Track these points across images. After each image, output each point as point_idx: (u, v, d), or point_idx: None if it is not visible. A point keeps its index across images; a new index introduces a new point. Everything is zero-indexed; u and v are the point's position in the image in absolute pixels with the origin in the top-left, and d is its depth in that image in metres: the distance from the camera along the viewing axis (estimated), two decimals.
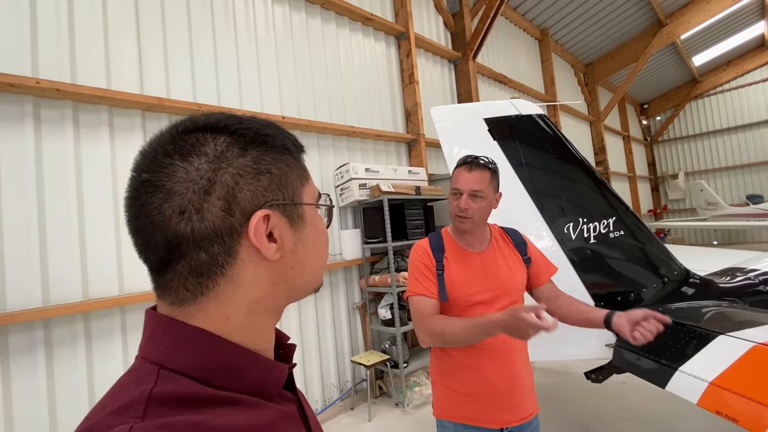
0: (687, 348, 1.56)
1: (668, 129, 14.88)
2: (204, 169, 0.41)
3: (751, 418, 1.20)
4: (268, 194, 0.44)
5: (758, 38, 11.97)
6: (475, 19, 5.82)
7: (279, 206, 0.45)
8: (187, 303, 0.42)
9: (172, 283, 0.42)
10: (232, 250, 0.42)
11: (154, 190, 0.40)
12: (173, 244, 0.40)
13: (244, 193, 0.42)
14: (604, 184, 2.19)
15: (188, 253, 0.40)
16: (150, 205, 0.40)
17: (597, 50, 10.03)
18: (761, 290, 2.05)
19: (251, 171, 0.43)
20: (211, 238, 0.41)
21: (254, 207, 0.43)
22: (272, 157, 0.46)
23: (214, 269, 0.42)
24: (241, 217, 0.42)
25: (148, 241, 0.41)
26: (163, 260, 0.41)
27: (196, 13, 3.11)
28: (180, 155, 0.41)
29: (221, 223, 0.41)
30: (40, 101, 2.33)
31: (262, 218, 0.43)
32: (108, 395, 0.39)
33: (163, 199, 0.40)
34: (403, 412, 3.41)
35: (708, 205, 11.37)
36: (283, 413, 0.46)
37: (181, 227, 0.40)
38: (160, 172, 0.40)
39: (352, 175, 3.65)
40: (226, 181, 0.41)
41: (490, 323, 1.19)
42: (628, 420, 2.94)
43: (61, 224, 2.32)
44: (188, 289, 0.42)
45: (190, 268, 0.41)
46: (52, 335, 2.24)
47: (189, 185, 0.40)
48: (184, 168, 0.40)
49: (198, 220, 0.40)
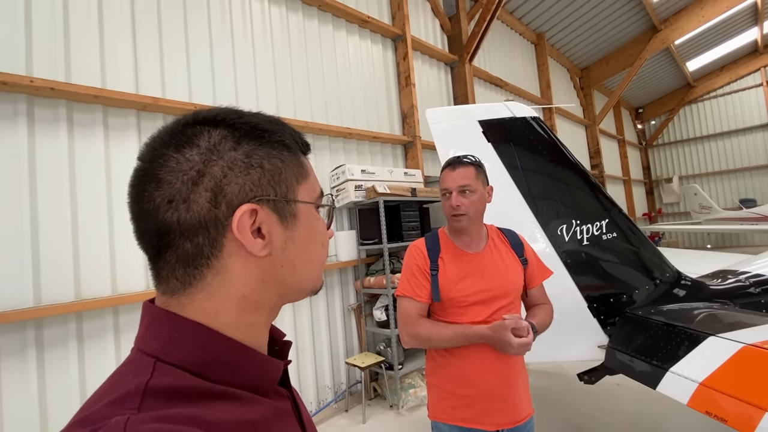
0: (678, 349, 1.57)
1: (663, 133, 15.01)
2: (195, 161, 0.42)
3: (740, 418, 1.21)
4: (258, 189, 0.44)
5: (751, 44, 12.11)
6: (472, 23, 5.86)
7: (269, 202, 0.45)
8: (177, 293, 0.43)
9: (163, 271, 0.43)
10: (217, 243, 0.42)
11: (149, 179, 0.41)
12: (162, 232, 0.41)
13: (232, 186, 0.42)
14: (597, 187, 2.21)
15: (175, 243, 0.41)
16: (143, 193, 0.41)
17: (592, 54, 10.11)
18: (751, 292, 2.08)
19: (241, 164, 0.43)
20: (197, 229, 0.41)
21: (241, 200, 0.43)
22: (266, 152, 0.45)
23: (200, 260, 0.42)
24: (227, 210, 0.42)
25: (142, 228, 0.43)
26: (154, 248, 0.42)
27: (192, 13, 3.11)
28: (175, 146, 0.42)
29: (206, 214, 0.41)
30: (34, 100, 2.32)
31: (249, 212, 0.43)
32: (104, 386, 0.39)
33: (154, 188, 0.41)
34: (398, 414, 3.40)
35: (702, 209, 11.46)
36: (277, 409, 0.46)
37: (168, 216, 0.41)
38: (155, 162, 0.42)
39: (348, 176, 3.66)
40: (215, 173, 0.42)
41: (475, 335, 1.30)
42: (621, 422, 2.95)
43: (54, 224, 2.31)
44: (177, 278, 0.42)
45: (177, 257, 0.42)
46: (44, 335, 2.22)
47: (178, 175, 0.41)
48: (176, 159, 0.41)
49: (184, 209, 0.41)
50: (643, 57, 9.51)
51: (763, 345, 1.36)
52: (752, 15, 10.45)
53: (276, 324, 0.54)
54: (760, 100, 12.81)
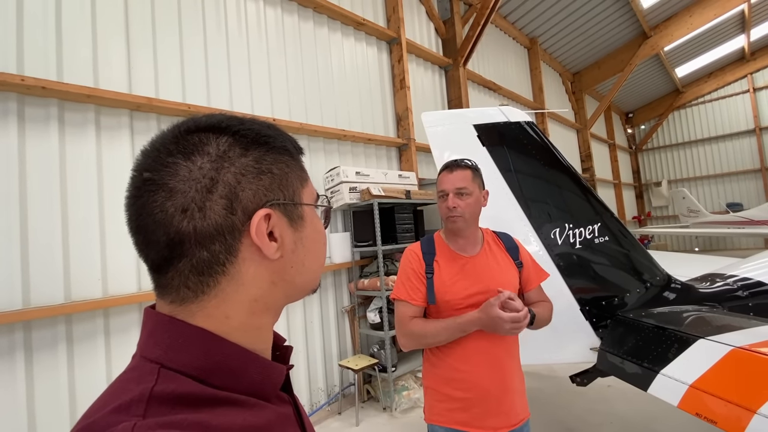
0: (668, 351, 1.59)
1: (652, 138, 15.26)
2: (207, 168, 0.41)
3: (729, 419, 1.23)
4: (270, 194, 0.45)
5: (738, 51, 12.37)
6: (466, 27, 5.91)
7: (279, 206, 0.46)
8: (188, 301, 0.42)
9: (174, 281, 0.42)
10: (233, 249, 0.43)
11: (157, 188, 0.40)
12: (175, 242, 0.41)
13: (246, 192, 0.43)
14: (589, 191, 2.23)
15: (190, 251, 0.41)
16: (152, 204, 0.40)
17: (584, 60, 10.25)
18: (739, 295, 2.12)
19: (253, 170, 0.44)
20: (213, 237, 0.41)
21: (256, 206, 0.43)
22: (273, 157, 0.46)
23: (216, 267, 0.42)
24: (243, 215, 0.43)
25: (150, 240, 0.41)
26: (164, 258, 0.41)
27: (186, 14, 3.09)
28: (183, 154, 0.42)
29: (223, 221, 0.41)
30: (25, 99, 2.28)
31: (264, 217, 0.43)
32: (107, 393, 0.39)
33: (165, 198, 0.40)
34: (391, 416, 3.40)
35: (690, 213, 11.66)
36: (280, 414, 0.46)
37: (184, 225, 0.40)
38: (163, 171, 0.41)
39: (343, 178, 3.66)
40: (229, 180, 0.42)
41: (467, 322, 1.31)
42: (612, 423, 2.98)
43: (44, 224, 2.27)
44: (189, 287, 0.42)
45: (191, 266, 0.41)
46: (32, 338, 2.18)
47: (192, 184, 0.41)
48: (186, 167, 0.41)
49: (200, 218, 0.40)
50: (634, 63, 9.67)
51: (751, 348, 1.39)
52: (739, 23, 10.69)
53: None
54: (746, 106, 13.09)
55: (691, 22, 8.96)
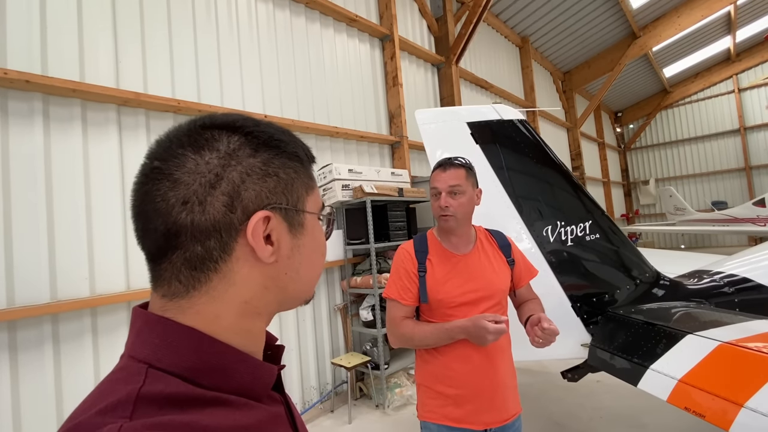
0: (657, 347, 1.62)
1: (640, 137, 15.50)
2: (213, 164, 0.42)
3: (717, 413, 1.25)
4: (272, 197, 0.45)
5: (724, 52, 12.61)
6: (458, 25, 5.91)
7: (281, 210, 0.46)
8: (179, 296, 0.42)
9: (166, 273, 0.42)
10: (227, 247, 0.42)
11: (163, 177, 0.41)
12: (171, 233, 0.40)
13: (249, 192, 0.43)
14: (580, 189, 2.26)
15: (184, 244, 0.41)
16: (155, 192, 0.41)
17: (575, 59, 10.35)
18: (725, 292, 2.16)
19: (259, 172, 0.44)
20: (209, 232, 0.41)
21: (256, 207, 0.43)
22: (282, 161, 0.46)
23: (208, 264, 0.42)
24: (242, 215, 0.42)
25: (148, 228, 0.42)
26: (159, 248, 0.41)
27: (176, 7, 3.03)
28: (193, 147, 0.42)
29: (221, 218, 0.41)
30: (8, 93, 2.22)
31: (262, 219, 0.43)
32: (94, 394, 0.38)
33: (169, 188, 0.40)
34: (384, 413, 3.41)
35: (676, 211, 11.89)
36: (271, 414, 0.46)
37: (182, 217, 0.40)
38: (171, 161, 0.41)
39: (335, 175, 3.64)
40: (233, 178, 0.42)
41: (455, 328, 1.32)
42: (602, 417, 3.03)
43: (29, 221, 2.22)
44: (181, 281, 0.42)
45: (184, 259, 0.41)
46: (17, 338, 2.13)
47: (196, 177, 0.41)
48: (194, 160, 0.41)
49: (199, 212, 0.41)
50: (623, 62, 9.80)
51: (738, 343, 1.42)
52: (725, 24, 10.88)
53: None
54: (731, 106, 13.37)
55: (678, 23, 9.10)
